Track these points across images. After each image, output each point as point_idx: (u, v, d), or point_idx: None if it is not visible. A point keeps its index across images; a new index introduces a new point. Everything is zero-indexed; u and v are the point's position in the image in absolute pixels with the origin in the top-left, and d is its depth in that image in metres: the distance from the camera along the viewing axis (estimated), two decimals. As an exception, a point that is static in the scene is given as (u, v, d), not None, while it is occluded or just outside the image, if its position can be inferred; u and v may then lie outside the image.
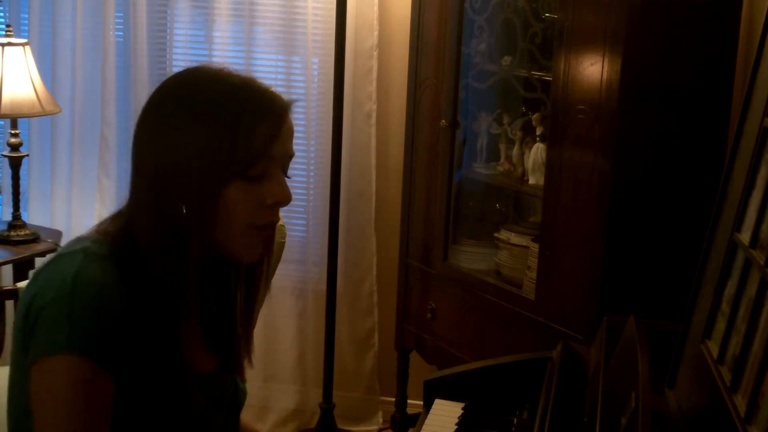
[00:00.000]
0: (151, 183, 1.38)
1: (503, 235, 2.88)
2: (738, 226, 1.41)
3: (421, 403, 2.04)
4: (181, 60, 3.57)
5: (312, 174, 3.53)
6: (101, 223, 1.45)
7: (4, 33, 3.33)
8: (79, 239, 1.42)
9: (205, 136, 1.34)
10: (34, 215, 3.70)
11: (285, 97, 1.42)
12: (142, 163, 1.40)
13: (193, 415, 1.43)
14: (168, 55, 3.56)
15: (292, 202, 3.61)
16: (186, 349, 1.45)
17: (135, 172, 1.42)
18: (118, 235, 1.40)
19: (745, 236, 1.37)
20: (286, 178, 1.42)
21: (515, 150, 2.87)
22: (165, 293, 1.37)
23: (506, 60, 2.87)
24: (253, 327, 1.59)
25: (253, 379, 3.52)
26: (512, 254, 2.82)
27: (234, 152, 1.34)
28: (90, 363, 1.30)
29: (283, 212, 3.11)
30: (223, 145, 1.34)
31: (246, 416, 1.70)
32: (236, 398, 1.57)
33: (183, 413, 1.40)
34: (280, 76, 3.52)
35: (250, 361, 1.60)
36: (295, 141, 3.92)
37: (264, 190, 1.38)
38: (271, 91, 1.41)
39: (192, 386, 1.42)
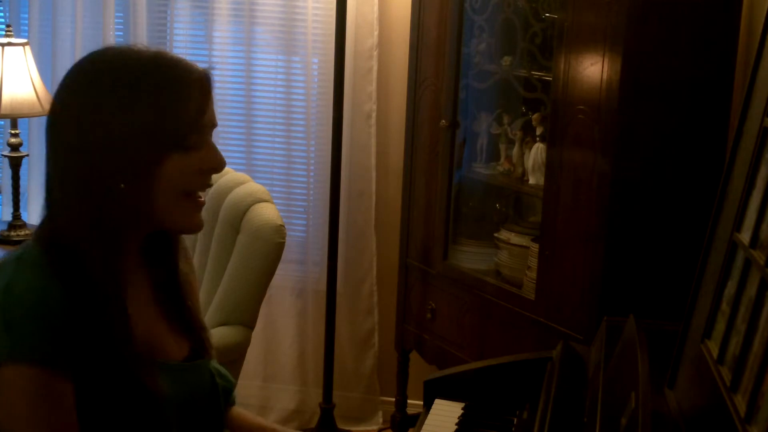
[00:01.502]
0: (85, 166, 1.36)
1: (503, 235, 2.88)
2: (738, 226, 1.41)
3: (421, 403, 2.04)
4: (181, 60, 3.57)
5: (312, 174, 3.53)
6: (35, 231, 1.43)
7: (4, 33, 3.33)
8: (11, 253, 1.40)
9: (140, 112, 1.35)
10: (34, 215, 3.70)
11: (201, 66, 1.45)
12: (67, 151, 1.38)
13: (164, 405, 1.40)
14: (168, 55, 3.56)
15: (292, 202, 3.60)
16: (151, 337, 1.44)
17: (57, 159, 1.39)
18: (49, 235, 1.38)
19: (745, 236, 1.37)
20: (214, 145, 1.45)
21: (515, 150, 2.87)
22: (107, 281, 1.36)
23: (506, 60, 2.87)
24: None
25: (253, 379, 3.53)
26: (512, 254, 2.82)
27: (170, 125, 1.36)
28: (37, 369, 1.29)
29: (283, 212, 3.13)
30: (159, 120, 1.36)
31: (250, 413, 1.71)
32: (216, 386, 1.56)
33: (151, 403, 1.38)
34: (280, 76, 3.52)
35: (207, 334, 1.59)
36: (295, 141, 3.90)
37: (199, 159, 1.40)
38: (190, 62, 1.43)
39: (155, 373, 1.40)
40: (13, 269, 1.34)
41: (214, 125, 1.44)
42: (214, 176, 1.46)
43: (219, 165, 1.43)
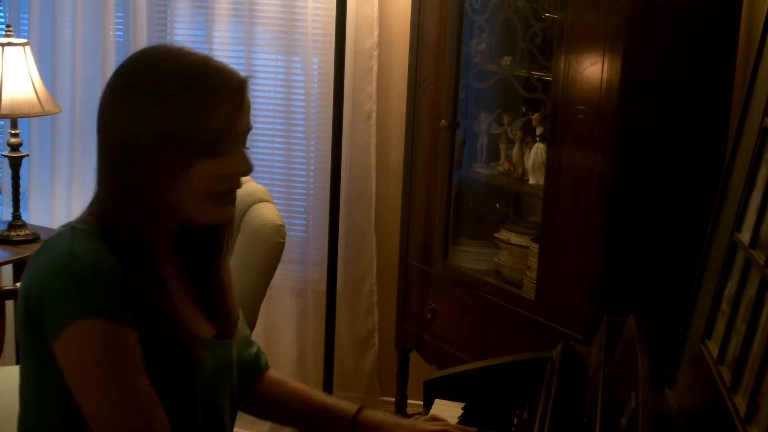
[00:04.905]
0: (119, 162, 1.43)
1: (503, 235, 2.88)
2: (738, 226, 1.41)
3: (421, 403, 2.04)
4: (181, 60, 3.57)
5: (312, 174, 3.53)
6: (85, 210, 1.50)
7: (4, 33, 3.33)
8: (64, 225, 1.47)
9: (173, 116, 1.39)
10: (34, 215, 3.70)
11: (241, 73, 1.48)
12: (109, 143, 1.45)
13: (200, 374, 1.47)
14: (168, 55, 3.56)
15: (292, 202, 3.61)
16: (184, 315, 1.50)
17: (101, 152, 1.47)
18: (98, 214, 1.45)
19: (745, 236, 1.37)
20: (245, 150, 1.49)
21: (515, 150, 2.87)
22: (147, 264, 1.43)
23: (506, 60, 2.87)
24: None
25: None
26: (512, 254, 2.82)
27: (202, 131, 1.40)
28: (110, 321, 1.34)
29: (283, 212, 3.13)
30: (191, 125, 1.40)
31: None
32: (236, 367, 1.62)
33: (190, 369, 1.45)
34: (280, 76, 3.52)
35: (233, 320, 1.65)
36: (295, 141, 3.90)
37: (227, 163, 1.45)
38: (230, 69, 1.47)
39: (195, 344, 1.47)
40: (70, 237, 1.40)
41: (248, 130, 1.48)
42: None
43: (245, 171, 1.47)
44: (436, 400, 1.99)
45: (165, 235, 1.49)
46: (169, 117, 1.39)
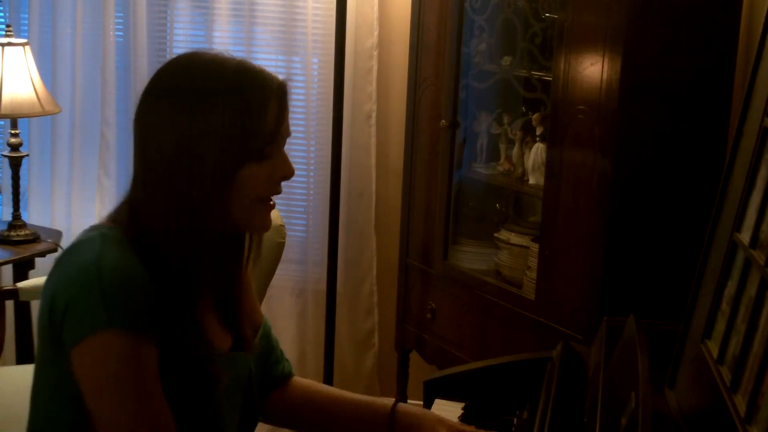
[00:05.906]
0: (165, 169, 1.40)
1: (503, 235, 2.88)
2: (738, 226, 1.41)
3: (421, 403, 2.04)
4: (181, 60, 3.57)
5: (312, 174, 3.53)
6: (110, 214, 1.48)
7: (4, 33, 3.33)
8: (91, 228, 1.45)
9: (222, 121, 1.39)
10: (34, 215, 3.70)
11: (279, 76, 1.50)
12: (152, 150, 1.42)
13: (216, 391, 1.46)
14: (168, 55, 3.56)
15: (292, 202, 3.63)
16: (204, 328, 1.49)
17: (143, 158, 1.44)
18: (129, 223, 1.43)
19: (745, 236, 1.37)
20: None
21: (515, 150, 2.87)
22: (183, 274, 1.42)
23: (506, 60, 2.87)
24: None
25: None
26: (512, 254, 2.82)
27: (250, 135, 1.41)
28: (132, 334, 1.34)
29: (283, 212, 3.13)
30: (239, 130, 1.40)
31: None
32: (251, 379, 1.61)
33: (208, 388, 1.45)
34: (280, 77, 3.51)
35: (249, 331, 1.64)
36: (295, 141, 3.90)
37: (272, 167, 1.45)
38: (269, 72, 1.49)
39: (214, 361, 1.46)
40: (101, 244, 1.38)
41: (288, 135, 1.49)
42: None
43: (290, 174, 1.48)
44: (436, 400, 1.99)
45: (209, 244, 1.46)
46: (216, 122, 1.38)
